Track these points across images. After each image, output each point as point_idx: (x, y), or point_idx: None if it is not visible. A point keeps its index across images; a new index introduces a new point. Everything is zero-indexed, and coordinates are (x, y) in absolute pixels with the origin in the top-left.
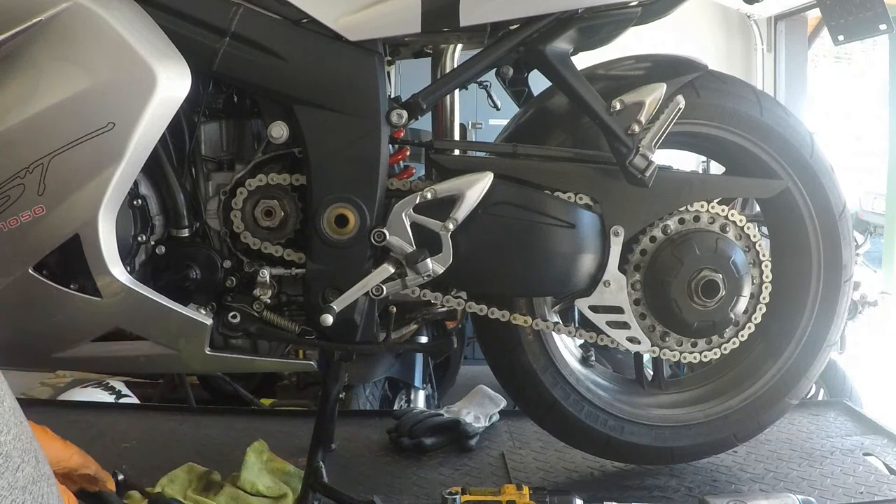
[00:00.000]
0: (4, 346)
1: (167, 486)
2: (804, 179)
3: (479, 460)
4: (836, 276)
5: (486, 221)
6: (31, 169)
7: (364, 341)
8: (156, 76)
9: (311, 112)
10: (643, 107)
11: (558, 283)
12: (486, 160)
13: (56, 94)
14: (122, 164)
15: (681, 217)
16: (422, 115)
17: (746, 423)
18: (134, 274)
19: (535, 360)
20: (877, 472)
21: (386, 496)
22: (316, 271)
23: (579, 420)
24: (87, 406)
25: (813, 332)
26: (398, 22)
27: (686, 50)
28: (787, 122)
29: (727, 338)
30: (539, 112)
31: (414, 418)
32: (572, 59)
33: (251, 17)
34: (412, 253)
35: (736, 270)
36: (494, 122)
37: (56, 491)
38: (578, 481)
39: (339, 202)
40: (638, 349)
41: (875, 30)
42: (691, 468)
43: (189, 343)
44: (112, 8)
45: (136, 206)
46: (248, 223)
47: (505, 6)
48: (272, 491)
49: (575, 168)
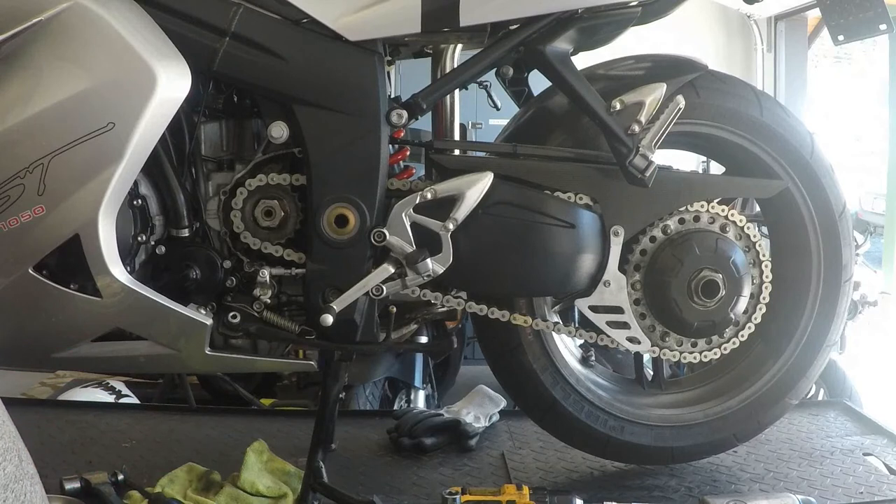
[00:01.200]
0: (4, 346)
1: (167, 486)
2: (804, 179)
3: (479, 460)
4: (836, 276)
5: (486, 221)
6: (31, 169)
7: (364, 341)
8: (156, 76)
9: (311, 112)
10: (643, 107)
11: (558, 284)
12: (486, 160)
13: (56, 94)
14: (122, 164)
15: (681, 217)
16: (422, 115)
17: (746, 423)
18: (134, 274)
19: (535, 360)
20: (877, 472)
21: (386, 496)
22: (316, 271)
23: (579, 420)
24: (87, 406)
25: (813, 332)
26: (398, 22)
27: (686, 50)
28: (787, 122)
29: (727, 338)
30: (539, 112)
31: (414, 418)
32: (572, 59)
33: (251, 17)
34: (412, 253)
35: (736, 270)
36: (494, 122)
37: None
38: (578, 481)
39: (339, 202)
40: (638, 349)
41: (875, 30)
42: (691, 468)
43: (189, 343)
44: (112, 8)
45: (136, 206)
46: (248, 223)
47: (505, 6)
48: (272, 491)
49: (575, 168)
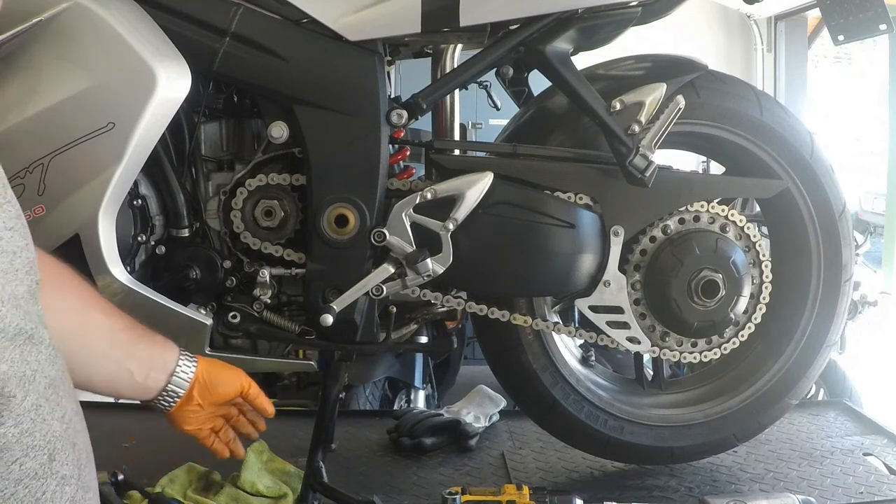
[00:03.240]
0: None
1: (167, 486)
2: (804, 179)
3: (479, 460)
4: (836, 276)
5: (486, 221)
6: (31, 169)
7: (364, 341)
8: (156, 76)
9: (311, 112)
10: (643, 107)
11: (558, 284)
12: (486, 160)
13: (56, 94)
14: (122, 164)
15: (681, 217)
16: (422, 115)
17: (746, 423)
18: (134, 274)
19: (535, 360)
20: (877, 472)
21: (386, 496)
22: (316, 271)
23: (579, 420)
24: (87, 406)
25: (813, 332)
26: (398, 22)
27: (686, 50)
28: (787, 122)
29: (727, 338)
30: (539, 112)
31: (414, 418)
32: (572, 59)
33: (251, 17)
34: (412, 253)
35: (736, 270)
36: (494, 122)
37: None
38: (578, 481)
39: (339, 202)
40: (638, 349)
41: (875, 30)
42: (691, 468)
43: (189, 343)
44: (112, 8)
45: (136, 206)
46: (248, 223)
47: (505, 6)
48: (272, 491)
49: (575, 168)
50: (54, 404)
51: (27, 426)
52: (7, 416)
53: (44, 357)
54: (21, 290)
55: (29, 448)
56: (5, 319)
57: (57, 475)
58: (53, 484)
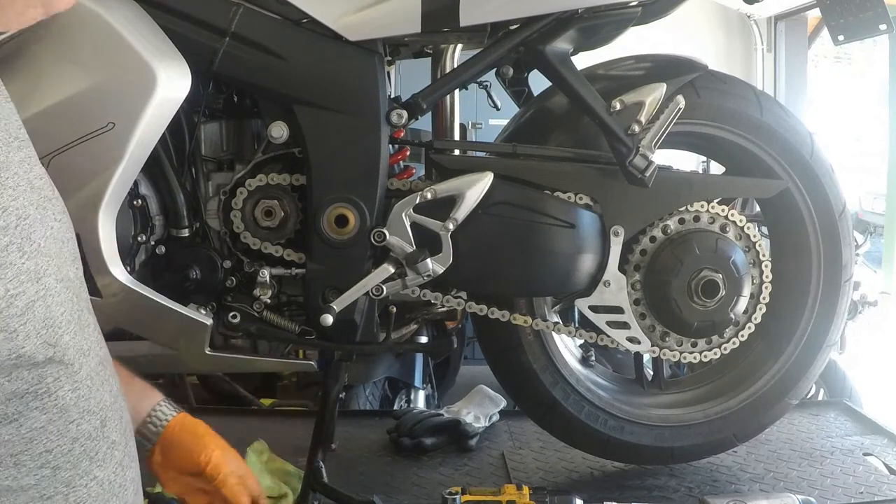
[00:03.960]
0: None
1: None
2: (804, 179)
3: (479, 460)
4: (836, 276)
5: (486, 221)
6: None
7: (364, 341)
8: (156, 76)
9: (311, 112)
10: (643, 107)
11: (558, 284)
12: (486, 160)
13: (56, 94)
14: (121, 164)
15: (681, 217)
16: (422, 115)
17: (746, 423)
18: (134, 274)
19: (535, 360)
20: (877, 472)
21: (386, 496)
22: (316, 271)
23: (579, 420)
24: None
25: (813, 332)
26: (398, 22)
27: (686, 50)
28: (787, 122)
29: (727, 338)
30: (539, 112)
31: (414, 418)
32: (572, 59)
33: (251, 17)
34: (412, 253)
35: (736, 270)
36: (494, 122)
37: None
38: (578, 481)
39: (339, 202)
40: (638, 349)
41: (875, 30)
42: (691, 468)
43: (189, 343)
44: (112, 8)
45: (136, 206)
46: (248, 223)
47: (505, 6)
48: (272, 491)
49: (575, 168)
50: (104, 379)
51: (83, 392)
52: (66, 381)
53: (93, 338)
54: (71, 275)
55: (84, 411)
56: (61, 295)
57: (108, 439)
58: (105, 446)
